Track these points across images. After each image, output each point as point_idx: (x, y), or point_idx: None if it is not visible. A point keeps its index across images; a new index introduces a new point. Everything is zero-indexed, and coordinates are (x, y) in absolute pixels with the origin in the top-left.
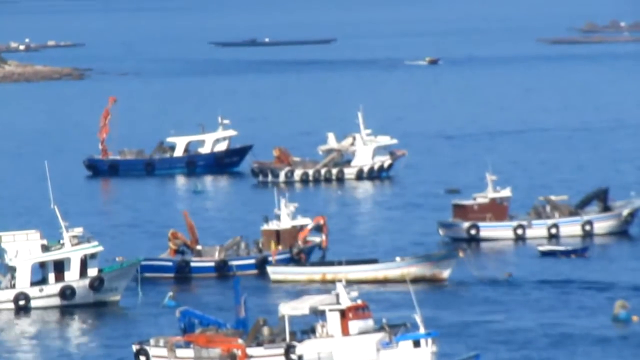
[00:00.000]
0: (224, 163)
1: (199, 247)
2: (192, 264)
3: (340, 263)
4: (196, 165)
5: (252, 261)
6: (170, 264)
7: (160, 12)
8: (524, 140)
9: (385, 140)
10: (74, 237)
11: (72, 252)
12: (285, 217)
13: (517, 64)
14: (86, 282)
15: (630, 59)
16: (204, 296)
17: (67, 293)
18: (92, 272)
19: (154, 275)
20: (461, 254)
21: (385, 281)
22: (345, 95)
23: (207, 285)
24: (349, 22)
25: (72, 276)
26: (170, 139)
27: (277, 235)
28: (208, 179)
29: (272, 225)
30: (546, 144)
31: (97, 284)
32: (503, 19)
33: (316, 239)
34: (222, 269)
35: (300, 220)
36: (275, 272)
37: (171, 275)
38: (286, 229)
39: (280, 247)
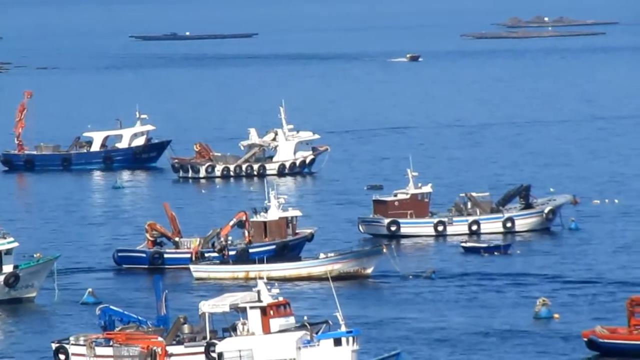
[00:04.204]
0: (141, 158)
1: (176, 239)
2: (166, 256)
3: (262, 260)
4: (113, 160)
5: (230, 252)
6: (143, 255)
7: (81, 5)
8: (445, 135)
9: (307, 135)
10: None
11: None
12: (274, 209)
13: (440, 59)
14: (1, 278)
15: (553, 53)
16: (124, 292)
17: None
18: (8, 268)
19: (129, 267)
20: (385, 250)
21: (308, 278)
22: (267, 90)
23: (130, 281)
24: (270, 16)
25: None
26: (87, 134)
27: (265, 227)
28: (126, 174)
29: (260, 217)
30: (467, 139)
31: (12, 281)
32: (427, 14)
33: (306, 231)
34: (198, 261)
35: (290, 212)
36: (197, 270)
37: (145, 266)
38: (273, 221)
39: (267, 239)
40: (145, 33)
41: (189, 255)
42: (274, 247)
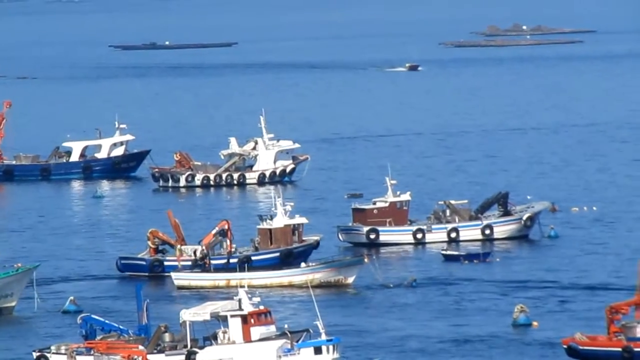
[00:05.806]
0: (120, 168)
1: (178, 246)
2: (166, 263)
3: (243, 269)
4: (93, 170)
5: (233, 260)
6: (144, 263)
7: (60, 15)
8: (424, 143)
9: (287, 144)
10: None
11: None
12: (280, 216)
13: (433, 68)
14: None
15: (531, 61)
16: (106, 300)
17: None
18: None
19: (131, 274)
20: (366, 260)
21: (289, 287)
22: (247, 99)
23: (111, 290)
24: (249, 25)
25: None
26: (66, 144)
27: (270, 234)
28: (106, 184)
29: (266, 225)
30: (446, 147)
31: None
32: (405, 23)
33: (312, 238)
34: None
35: (296, 220)
36: (179, 278)
37: (146, 273)
38: (278, 228)
39: (272, 246)
40: (124, 42)
41: (189, 263)
42: (278, 254)
